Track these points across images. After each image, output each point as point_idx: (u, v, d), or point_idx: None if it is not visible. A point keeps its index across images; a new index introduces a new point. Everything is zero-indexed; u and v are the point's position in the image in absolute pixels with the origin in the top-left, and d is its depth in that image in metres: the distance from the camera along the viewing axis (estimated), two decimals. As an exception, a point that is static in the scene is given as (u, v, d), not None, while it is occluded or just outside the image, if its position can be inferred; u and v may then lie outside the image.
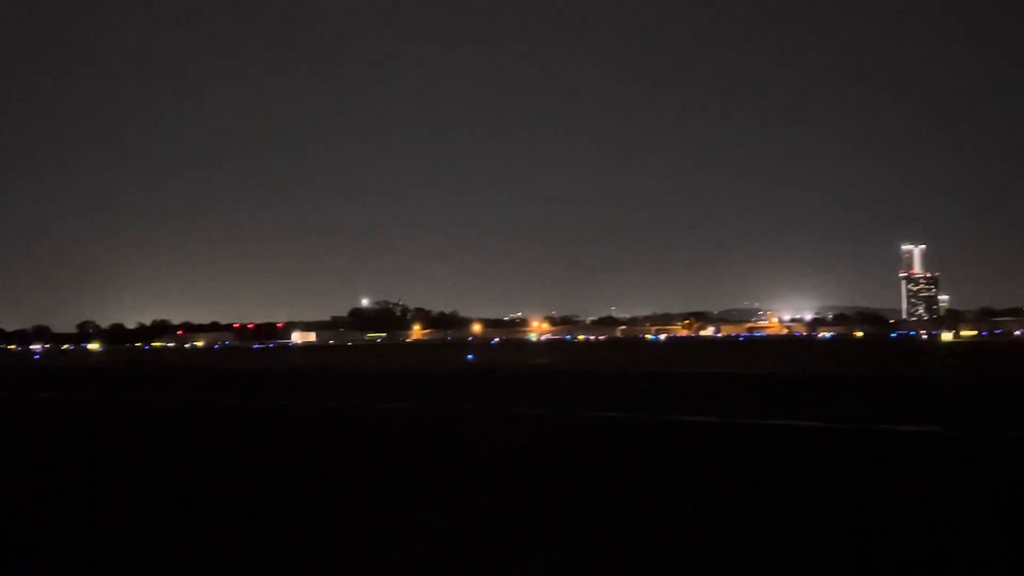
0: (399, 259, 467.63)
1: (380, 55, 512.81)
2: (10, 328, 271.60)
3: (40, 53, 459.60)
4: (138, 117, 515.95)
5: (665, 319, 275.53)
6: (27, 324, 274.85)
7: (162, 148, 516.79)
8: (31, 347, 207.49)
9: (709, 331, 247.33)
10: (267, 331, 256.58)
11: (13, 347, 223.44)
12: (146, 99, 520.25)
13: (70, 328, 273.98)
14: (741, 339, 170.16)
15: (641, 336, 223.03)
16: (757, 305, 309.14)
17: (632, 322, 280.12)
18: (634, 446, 14.55)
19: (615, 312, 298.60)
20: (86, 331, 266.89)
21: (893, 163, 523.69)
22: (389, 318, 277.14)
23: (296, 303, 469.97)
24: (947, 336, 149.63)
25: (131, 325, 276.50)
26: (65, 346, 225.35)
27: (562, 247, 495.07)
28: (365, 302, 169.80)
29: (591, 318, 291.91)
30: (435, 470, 12.23)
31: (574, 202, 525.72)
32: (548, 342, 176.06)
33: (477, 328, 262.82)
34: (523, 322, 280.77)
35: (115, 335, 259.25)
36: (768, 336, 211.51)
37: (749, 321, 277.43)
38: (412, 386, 32.60)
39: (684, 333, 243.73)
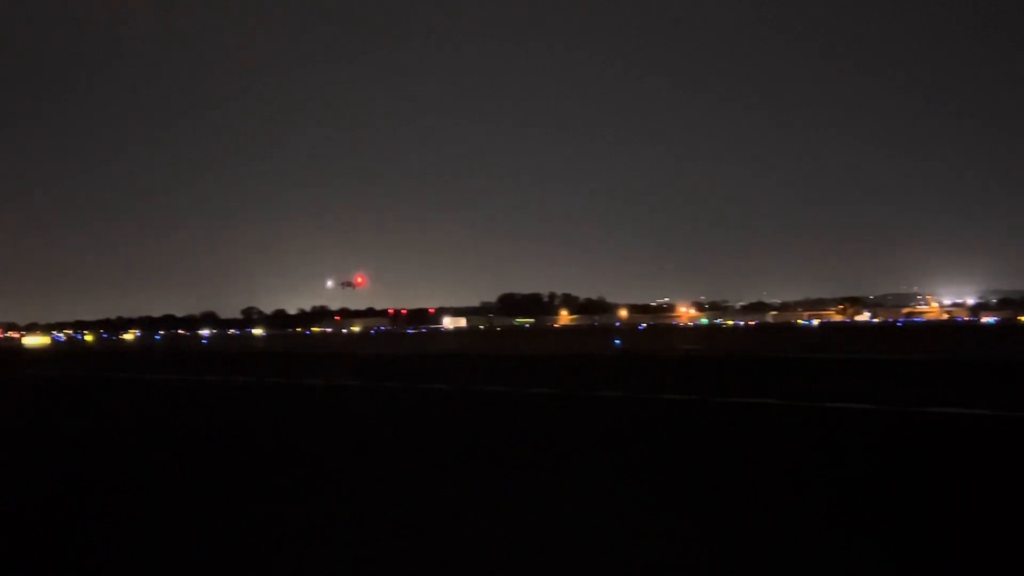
0: (547, 246, 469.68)
1: (536, 47, 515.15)
2: (180, 314, 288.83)
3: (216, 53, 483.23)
4: (298, 100, 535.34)
5: (818, 304, 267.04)
6: (195, 310, 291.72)
7: (317, 137, 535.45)
8: (199, 332, 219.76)
9: (864, 316, 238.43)
10: (419, 316, 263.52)
11: (182, 332, 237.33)
12: (307, 86, 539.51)
13: (235, 314, 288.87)
14: (899, 324, 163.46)
15: (793, 321, 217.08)
16: (915, 289, 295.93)
17: (784, 307, 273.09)
18: (784, 433, 14.65)
19: (766, 297, 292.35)
20: (250, 317, 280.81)
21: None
22: (537, 304, 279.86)
23: (447, 289, 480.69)
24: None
25: (292, 311, 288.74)
26: (231, 331, 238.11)
27: (712, 231, 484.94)
28: (330, 283, 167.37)
29: (741, 303, 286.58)
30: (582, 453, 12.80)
31: (724, 185, 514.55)
32: (696, 327, 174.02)
33: (624, 313, 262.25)
34: (670, 307, 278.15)
35: (277, 320, 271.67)
36: (927, 321, 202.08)
37: (907, 306, 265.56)
38: (559, 371, 33.10)
39: (838, 318, 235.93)
